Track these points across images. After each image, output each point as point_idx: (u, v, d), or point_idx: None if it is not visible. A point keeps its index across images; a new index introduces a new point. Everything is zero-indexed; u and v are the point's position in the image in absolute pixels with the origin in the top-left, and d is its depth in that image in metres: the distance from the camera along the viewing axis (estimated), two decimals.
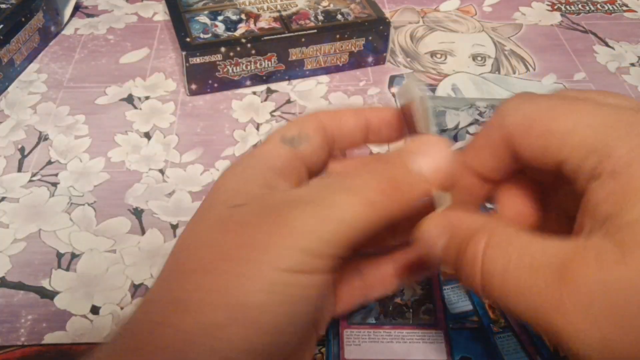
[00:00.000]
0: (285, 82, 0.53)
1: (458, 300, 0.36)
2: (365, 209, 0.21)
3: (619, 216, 0.18)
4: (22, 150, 0.47)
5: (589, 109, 0.20)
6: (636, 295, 0.16)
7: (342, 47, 0.54)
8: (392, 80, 0.54)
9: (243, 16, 0.54)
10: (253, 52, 0.51)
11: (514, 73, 0.55)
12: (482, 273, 0.19)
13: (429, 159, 0.22)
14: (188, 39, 0.51)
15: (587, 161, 0.20)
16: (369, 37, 0.54)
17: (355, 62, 0.55)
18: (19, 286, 0.38)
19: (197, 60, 0.50)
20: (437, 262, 0.22)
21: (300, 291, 0.21)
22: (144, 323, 0.21)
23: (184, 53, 0.50)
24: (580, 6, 0.65)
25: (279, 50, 0.52)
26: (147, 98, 0.52)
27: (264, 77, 0.53)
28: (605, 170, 0.19)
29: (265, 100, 0.52)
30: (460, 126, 0.47)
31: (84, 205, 0.43)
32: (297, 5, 0.55)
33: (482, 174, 0.24)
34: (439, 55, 0.57)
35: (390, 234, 0.27)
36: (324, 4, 0.56)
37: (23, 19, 0.54)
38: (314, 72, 0.54)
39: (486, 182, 0.25)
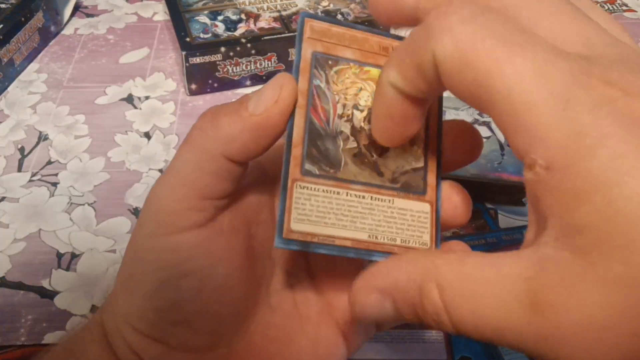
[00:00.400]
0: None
1: None
2: (194, 155, 0.22)
3: (565, 218, 0.15)
4: (22, 150, 0.47)
5: (533, 64, 0.16)
6: (608, 312, 0.15)
7: None
8: None
9: (243, 16, 0.54)
10: (253, 52, 0.51)
11: None
12: (452, 322, 0.17)
13: (261, 95, 0.22)
14: (188, 39, 0.51)
15: (517, 137, 0.16)
16: None
17: None
18: (19, 286, 0.38)
19: (197, 60, 0.50)
20: (396, 322, 0.21)
21: (170, 254, 0.22)
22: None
23: (184, 53, 0.50)
24: None
25: (278, 50, 0.52)
26: (147, 98, 0.52)
27: (264, 77, 0.53)
28: (537, 160, 0.16)
29: None
30: None
31: (84, 205, 0.43)
32: (297, 5, 0.55)
33: (412, 95, 0.20)
34: None
35: None
36: (324, 3, 0.56)
37: (23, 19, 0.54)
38: None
39: (419, 104, 0.20)
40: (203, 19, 0.54)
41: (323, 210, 0.22)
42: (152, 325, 0.23)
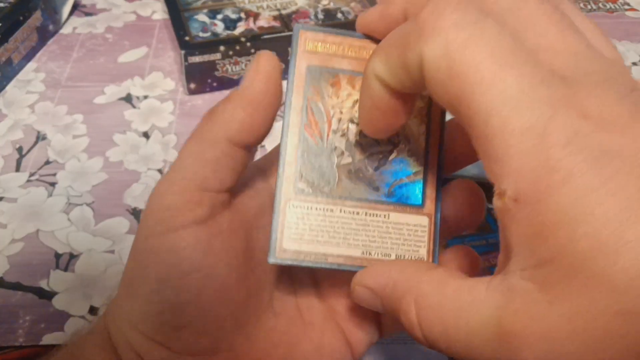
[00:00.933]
0: (285, 81, 0.53)
1: None
2: (196, 145, 0.22)
3: (530, 251, 0.16)
4: (19, 149, 0.47)
5: (517, 89, 0.16)
6: (570, 346, 0.15)
7: None
8: None
9: (242, 15, 0.54)
10: (252, 51, 0.51)
11: None
12: (425, 338, 0.18)
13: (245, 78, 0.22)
14: (187, 38, 0.51)
15: (490, 163, 0.17)
16: None
17: None
18: (17, 287, 0.38)
19: (196, 59, 0.50)
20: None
21: (169, 254, 0.22)
22: None
23: (182, 52, 0.49)
24: (582, 5, 0.64)
25: (278, 49, 0.51)
26: (145, 97, 0.52)
27: None
28: (507, 191, 0.16)
29: None
30: None
31: (82, 205, 0.43)
32: (296, 4, 0.55)
33: (397, 89, 0.19)
34: None
35: None
36: (324, 2, 0.55)
37: (21, 18, 0.53)
38: None
39: (406, 98, 0.20)
40: (202, 17, 0.53)
41: (316, 228, 0.22)
42: (155, 329, 0.23)
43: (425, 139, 0.23)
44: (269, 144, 0.42)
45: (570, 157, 0.15)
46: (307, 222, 0.22)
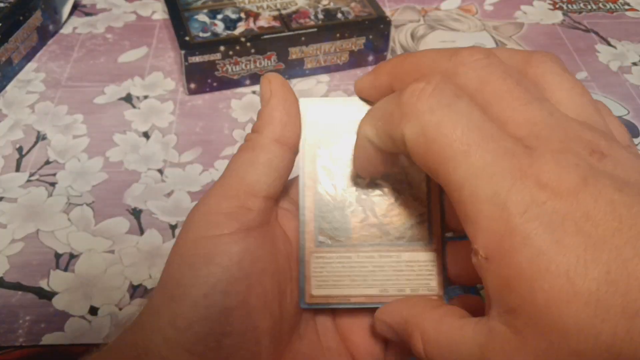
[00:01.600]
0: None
1: None
2: (247, 152, 0.25)
3: (501, 300, 0.18)
4: (20, 149, 0.47)
5: (483, 165, 0.18)
6: None
7: (342, 46, 0.53)
8: None
9: (242, 15, 0.54)
10: (252, 51, 0.51)
11: None
12: None
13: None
14: (187, 38, 0.51)
15: (466, 225, 0.19)
16: (370, 36, 0.54)
17: (356, 61, 0.55)
18: (17, 287, 0.38)
19: (196, 59, 0.50)
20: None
21: (221, 257, 0.23)
22: None
23: (183, 52, 0.49)
24: (582, 5, 0.64)
25: (278, 49, 0.51)
26: (145, 97, 0.52)
27: None
28: (479, 251, 0.19)
29: None
30: None
31: (82, 205, 0.43)
32: (297, 4, 0.55)
33: (382, 149, 0.22)
34: None
35: None
36: (324, 2, 0.55)
37: (21, 18, 0.53)
38: (314, 71, 0.53)
39: (393, 154, 0.23)
40: (202, 17, 0.53)
41: (338, 274, 0.26)
42: (197, 338, 0.23)
43: (427, 184, 0.26)
44: None
45: (527, 223, 0.18)
46: (329, 270, 0.25)
